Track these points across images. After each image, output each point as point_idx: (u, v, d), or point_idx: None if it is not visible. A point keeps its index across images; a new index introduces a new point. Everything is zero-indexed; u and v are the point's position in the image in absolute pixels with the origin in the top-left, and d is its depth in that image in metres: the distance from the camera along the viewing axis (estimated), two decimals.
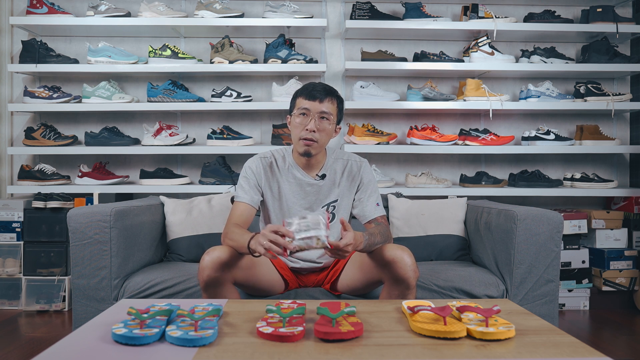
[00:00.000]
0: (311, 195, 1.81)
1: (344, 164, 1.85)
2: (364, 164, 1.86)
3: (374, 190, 1.84)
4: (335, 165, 1.84)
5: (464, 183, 2.97)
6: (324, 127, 1.74)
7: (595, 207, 3.18)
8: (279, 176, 1.81)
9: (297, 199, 1.80)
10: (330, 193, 1.82)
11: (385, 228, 1.75)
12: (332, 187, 1.82)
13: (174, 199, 2.43)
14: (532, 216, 1.96)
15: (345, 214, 1.84)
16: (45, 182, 2.88)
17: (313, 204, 1.81)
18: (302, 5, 3.07)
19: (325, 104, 1.73)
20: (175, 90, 2.91)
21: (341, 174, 1.83)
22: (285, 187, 1.80)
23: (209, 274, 1.58)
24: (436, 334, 1.13)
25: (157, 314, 1.18)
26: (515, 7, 3.16)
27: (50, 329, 2.49)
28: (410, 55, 3.07)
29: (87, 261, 1.93)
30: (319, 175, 1.81)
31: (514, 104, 2.96)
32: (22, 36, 3.08)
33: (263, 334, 1.12)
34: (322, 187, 1.81)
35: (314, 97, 1.73)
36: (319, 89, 1.75)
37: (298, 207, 1.80)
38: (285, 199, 1.80)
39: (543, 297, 1.96)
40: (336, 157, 1.86)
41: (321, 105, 1.73)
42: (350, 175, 1.84)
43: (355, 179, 1.84)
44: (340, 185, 1.83)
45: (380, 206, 1.83)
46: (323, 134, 1.74)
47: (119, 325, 1.13)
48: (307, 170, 1.81)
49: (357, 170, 1.84)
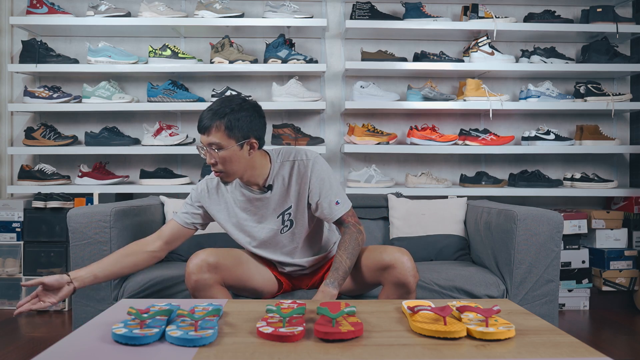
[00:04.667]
0: (262, 209, 1.71)
1: (291, 166, 1.69)
2: (311, 162, 1.68)
3: (327, 189, 1.68)
4: (282, 170, 1.69)
5: (464, 183, 2.97)
6: (221, 156, 1.57)
7: (595, 207, 3.18)
8: (227, 196, 1.74)
9: (248, 215, 1.73)
10: (283, 201, 1.70)
11: (353, 232, 1.66)
12: (283, 194, 1.70)
13: (174, 199, 2.43)
14: (532, 216, 1.96)
15: (302, 218, 1.72)
16: (45, 182, 2.88)
17: (266, 217, 1.73)
18: (302, 5, 3.07)
19: (211, 135, 1.56)
20: (175, 90, 2.91)
21: (289, 178, 1.69)
22: (234, 206, 1.73)
23: (196, 278, 1.58)
24: (436, 334, 1.13)
25: (157, 314, 1.18)
26: (515, 7, 3.16)
27: (50, 329, 2.49)
28: (410, 55, 3.07)
29: (87, 261, 1.92)
30: (266, 187, 1.69)
31: (514, 104, 2.96)
32: (22, 36, 3.08)
33: (263, 333, 1.12)
34: (270, 198, 1.69)
35: (201, 130, 1.58)
36: (203, 117, 1.58)
37: (251, 222, 1.73)
38: (237, 217, 1.74)
39: (543, 297, 1.96)
40: (283, 160, 1.70)
41: (208, 138, 1.57)
42: (299, 177, 1.68)
43: (304, 180, 1.68)
44: (291, 190, 1.69)
45: (340, 203, 1.68)
46: (226, 163, 1.59)
47: (119, 325, 1.13)
48: (251, 185, 1.70)
49: (304, 170, 1.68)
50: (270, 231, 1.73)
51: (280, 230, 1.73)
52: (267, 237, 1.73)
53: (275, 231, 1.73)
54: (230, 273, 1.65)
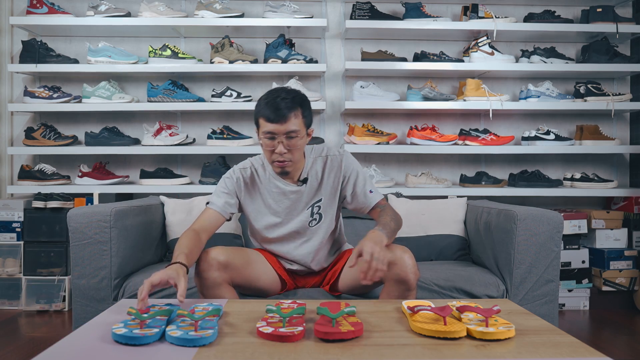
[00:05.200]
0: (295, 202, 1.75)
1: (324, 161, 1.76)
2: (344, 156, 1.76)
3: (362, 179, 1.76)
4: (316, 165, 1.76)
5: (464, 183, 2.97)
6: (294, 144, 1.62)
7: (595, 207, 3.18)
8: (260, 187, 1.77)
9: (280, 206, 1.76)
10: (314, 194, 1.76)
11: (392, 210, 1.70)
12: (316, 188, 1.76)
13: (174, 199, 2.43)
14: (532, 216, 1.96)
15: (331, 211, 1.78)
16: (45, 182, 2.88)
17: (297, 209, 1.76)
18: (302, 5, 3.07)
19: (290, 122, 1.60)
20: (175, 90, 2.91)
21: (322, 172, 1.76)
22: (268, 197, 1.76)
23: (206, 276, 1.57)
24: (436, 334, 1.13)
25: (158, 314, 1.18)
26: (515, 7, 3.16)
27: (50, 329, 2.49)
28: (410, 55, 3.07)
29: (87, 261, 1.93)
30: (301, 180, 1.75)
31: (514, 104, 2.96)
32: (22, 36, 3.08)
33: (263, 333, 1.12)
34: (304, 192, 1.75)
35: (276, 118, 1.59)
36: (280, 106, 1.59)
37: (282, 214, 1.76)
38: (270, 209, 1.76)
39: (543, 297, 1.96)
40: (315, 157, 1.77)
41: (286, 125, 1.60)
42: (332, 171, 1.76)
43: (337, 174, 1.75)
44: (324, 184, 1.76)
45: (374, 192, 1.75)
46: (295, 151, 1.64)
47: (119, 325, 1.13)
48: (287, 178, 1.74)
49: (337, 164, 1.75)
50: (299, 223, 1.76)
51: (309, 223, 1.77)
52: (295, 229, 1.76)
53: (304, 223, 1.76)
54: (239, 272, 1.65)
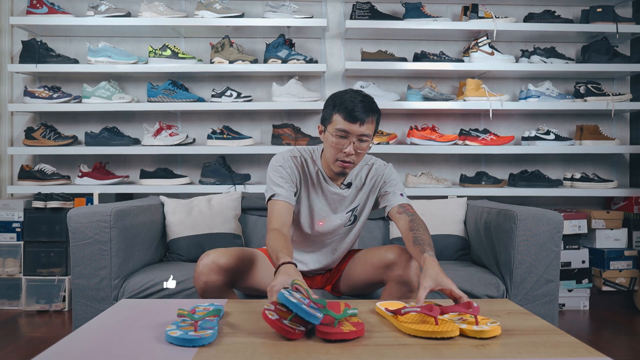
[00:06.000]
0: (336, 203, 1.77)
1: (369, 169, 1.79)
2: (388, 168, 1.80)
3: (398, 186, 1.78)
4: (362, 172, 1.79)
5: (464, 183, 2.97)
6: (363, 147, 1.63)
7: (595, 207, 3.18)
8: (308, 181, 1.76)
9: (322, 204, 1.77)
10: (354, 199, 1.78)
11: (419, 219, 1.67)
12: (356, 193, 1.78)
13: (174, 199, 2.43)
14: (532, 216, 1.96)
15: (363, 216, 1.82)
16: (45, 182, 2.88)
17: (337, 211, 1.78)
18: (302, 5, 3.07)
19: (366, 125, 1.60)
20: (175, 90, 2.91)
21: (365, 179, 1.78)
22: (313, 193, 1.76)
23: (206, 279, 1.55)
24: (431, 335, 1.12)
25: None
26: (515, 7, 3.16)
27: (50, 329, 2.49)
28: (410, 55, 3.07)
29: (87, 261, 1.93)
30: (345, 184, 1.76)
31: (514, 104, 2.96)
32: (22, 36, 3.08)
33: (267, 318, 1.12)
34: (347, 196, 1.77)
35: (354, 119, 1.58)
36: (359, 108, 1.59)
37: (323, 212, 1.76)
38: (312, 204, 1.76)
39: (543, 297, 1.96)
40: (362, 164, 1.79)
41: (361, 128, 1.60)
42: (374, 178, 1.78)
43: (377, 182, 1.78)
44: (364, 190, 1.78)
45: (403, 196, 1.76)
46: (360, 154, 1.65)
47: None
48: (334, 180, 1.75)
49: (381, 172, 1.78)
50: (336, 224, 1.78)
51: (344, 224, 1.79)
52: (329, 229, 1.78)
53: (339, 225, 1.79)
54: (241, 275, 1.63)
